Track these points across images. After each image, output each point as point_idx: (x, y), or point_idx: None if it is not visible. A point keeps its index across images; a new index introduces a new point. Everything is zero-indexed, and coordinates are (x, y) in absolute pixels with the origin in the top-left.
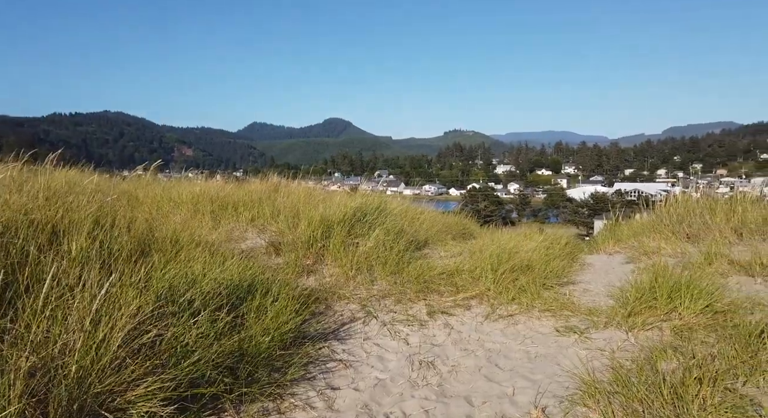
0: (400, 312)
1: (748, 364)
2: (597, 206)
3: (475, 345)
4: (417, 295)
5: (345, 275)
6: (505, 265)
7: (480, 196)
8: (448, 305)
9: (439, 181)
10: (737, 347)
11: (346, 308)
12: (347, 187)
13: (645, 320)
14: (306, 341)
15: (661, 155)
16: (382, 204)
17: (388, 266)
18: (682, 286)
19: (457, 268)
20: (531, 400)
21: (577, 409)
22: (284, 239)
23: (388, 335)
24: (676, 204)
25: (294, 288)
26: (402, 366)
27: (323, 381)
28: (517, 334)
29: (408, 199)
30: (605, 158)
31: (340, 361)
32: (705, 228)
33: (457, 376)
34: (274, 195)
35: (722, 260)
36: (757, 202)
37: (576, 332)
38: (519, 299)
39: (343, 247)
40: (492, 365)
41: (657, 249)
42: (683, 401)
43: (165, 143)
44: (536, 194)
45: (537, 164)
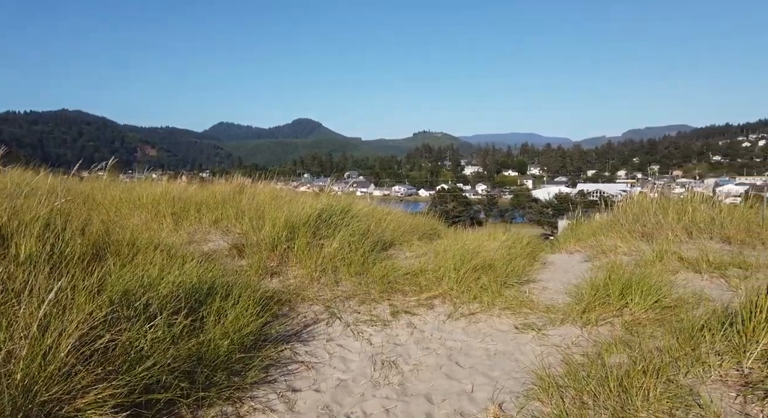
0: (364, 313)
1: (690, 356)
2: (561, 206)
3: (437, 344)
4: (381, 295)
5: (309, 277)
6: (468, 264)
7: (449, 197)
8: (412, 305)
9: (409, 182)
10: (681, 341)
11: (309, 310)
12: (317, 189)
13: (598, 316)
14: (267, 344)
15: (621, 157)
16: (348, 205)
17: (353, 267)
18: (633, 283)
19: (422, 268)
20: (489, 396)
21: (532, 403)
22: (248, 241)
23: (351, 335)
24: (633, 204)
25: (256, 290)
26: (364, 366)
27: (284, 383)
28: (478, 332)
29: (376, 200)
30: (569, 160)
31: (302, 362)
32: (658, 227)
33: (419, 374)
34: (239, 196)
35: (672, 258)
36: (706, 202)
37: (534, 329)
38: (480, 298)
39: (308, 248)
40: (453, 362)
41: (614, 248)
42: (628, 392)
43: (127, 143)
44: (503, 195)
45: (504, 165)
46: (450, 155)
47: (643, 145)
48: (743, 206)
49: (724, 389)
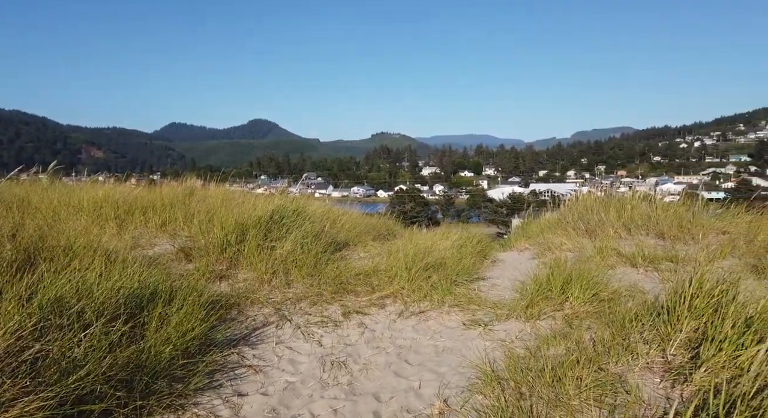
0: (315, 314)
1: (621, 345)
2: (514, 206)
3: (387, 342)
4: (333, 296)
5: (260, 279)
6: (420, 264)
7: (407, 198)
8: (364, 305)
9: (368, 183)
10: (614, 331)
11: (259, 313)
12: (274, 190)
13: (541, 310)
14: (214, 348)
15: (570, 158)
16: (301, 207)
17: (305, 269)
18: (574, 278)
19: (375, 268)
20: (435, 392)
21: (475, 397)
22: (196, 244)
23: (301, 337)
24: (577, 203)
25: (202, 294)
26: (313, 368)
27: (230, 388)
28: (427, 329)
29: (335, 201)
30: (521, 160)
31: (250, 366)
32: (600, 224)
33: (368, 373)
34: (189, 199)
35: (612, 253)
36: (644, 200)
37: (481, 325)
38: (431, 296)
39: (258, 251)
40: (402, 360)
41: (559, 245)
42: (562, 382)
43: (71, 144)
44: (460, 195)
45: (460, 166)
46: (408, 156)
47: (590, 147)
48: (676, 204)
49: (649, 376)
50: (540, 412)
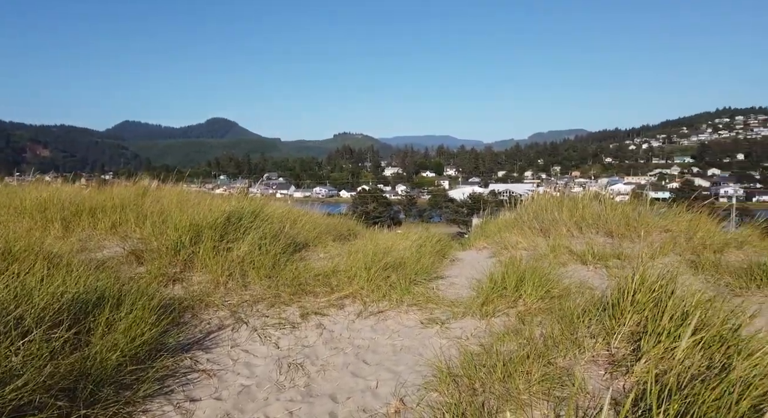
0: (273, 316)
1: (569, 339)
2: (474, 206)
3: (346, 343)
4: (292, 298)
5: (215, 282)
6: (379, 264)
7: (369, 198)
8: (323, 306)
9: (330, 183)
10: (563, 326)
11: (214, 316)
12: (234, 191)
13: (496, 307)
14: (165, 353)
15: (528, 159)
16: (260, 207)
17: (263, 270)
18: (527, 276)
19: (334, 268)
20: (392, 391)
21: (431, 395)
22: (148, 247)
23: (258, 340)
24: (533, 203)
25: (153, 298)
26: (270, 370)
27: (182, 394)
28: (386, 329)
29: (296, 201)
30: (481, 161)
31: (204, 371)
32: (554, 223)
33: (325, 375)
34: (143, 199)
35: (564, 251)
36: (595, 200)
37: (438, 323)
38: (390, 296)
39: (214, 252)
40: (360, 360)
41: (515, 243)
42: (512, 377)
43: (14, 142)
44: (422, 195)
45: (422, 166)
46: (370, 157)
47: (546, 148)
48: (624, 204)
49: (594, 368)
50: (491, 407)
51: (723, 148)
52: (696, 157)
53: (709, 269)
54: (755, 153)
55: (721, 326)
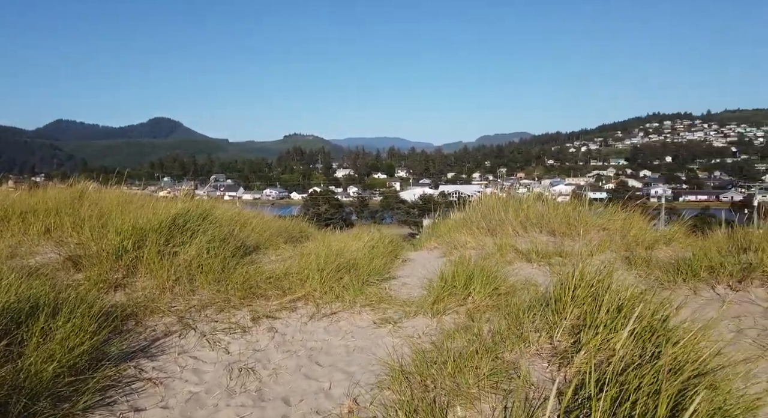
0: (222, 321)
1: (515, 334)
2: (425, 207)
3: (298, 345)
4: (242, 301)
5: (161, 287)
6: (332, 265)
7: (321, 200)
8: (274, 309)
9: (281, 185)
10: (509, 322)
11: (160, 322)
12: (178, 193)
13: (446, 306)
14: (107, 363)
15: (476, 160)
16: (208, 209)
17: (211, 274)
18: (476, 274)
19: (286, 271)
20: (345, 391)
21: (384, 393)
22: (87, 252)
23: (207, 345)
24: (481, 204)
25: (92, 305)
26: (220, 376)
27: (126, 404)
28: (339, 330)
29: (246, 204)
30: (431, 163)
31: (149, 379)
32: (501, 223)
33: (277, 378)
34: (80, 203)
35: (510, 250)
36: (538, 200)
37: (390, 323)
38: (343, 297)
39: (159, 257)
40: (313, 363)
41: (465, 243)
42: (462, 372)
43: None
44: (373, 197)
45: (373, 168)
46: (322, 158)
47: (493, 150)
48: (565, 204)
49: (539, 361)
50: (443, 402)
51: (653, 151)
52: (629, 159)
53: (641, 264)
54: (681, 156)
55: (651, 317)
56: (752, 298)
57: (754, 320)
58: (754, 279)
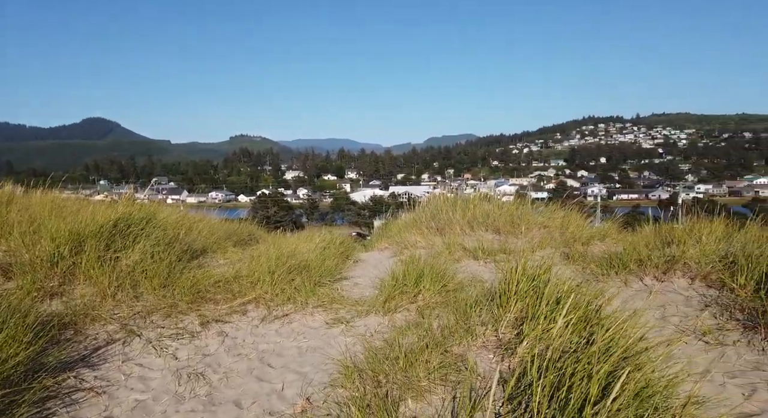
0: (169, 326)
1: (463, 328)
2: (376, 208)
3: (250, 349)
4: (190, 306)
5: (101, 294)
6: (283, 267)
7: (270, 202)
8: (224, 313)
9: (227, 187)
10: (457, 317)
11: (101, 330)
12: (117, 197)
13: (397, 304)
14: (44, 374)
15: (424, 162)
16: (151, 213)
17: (157, 279)
18: (426, 272)
19: (236, 274)
20: (298, 391)
21: (337, 391)
22: (18, 260)
23: (153, 352)
24: (430, 204)
25: (27, 315)
26: (168, 382)
27: (66, 415)
28: (291, 332)
29: (189, 207)
30: (381, 164)
31: (91, 389)
32: (449, 223)
33: (228, 382)
34: (7, 208)
35: (458, 248)
36: (484, 200)
37: (343, 323)
38: (294, 299)
39: (99, 263)
40: (264, 365)
41: (414, 243)
42: (413, 367)
43: None
44: (324, 199)
45: (323, 170)
46: (270, 160)
47: (441, 152)
48: (509, 203)
49: (485, 353)
50: (395, 396)
51: (589, 152)
52: (568, 160)
53: (578, 259)
54: (614, 157)
55: (586, 308)
56: (675, 287)
57: (677, 307)
58: (676, 270)
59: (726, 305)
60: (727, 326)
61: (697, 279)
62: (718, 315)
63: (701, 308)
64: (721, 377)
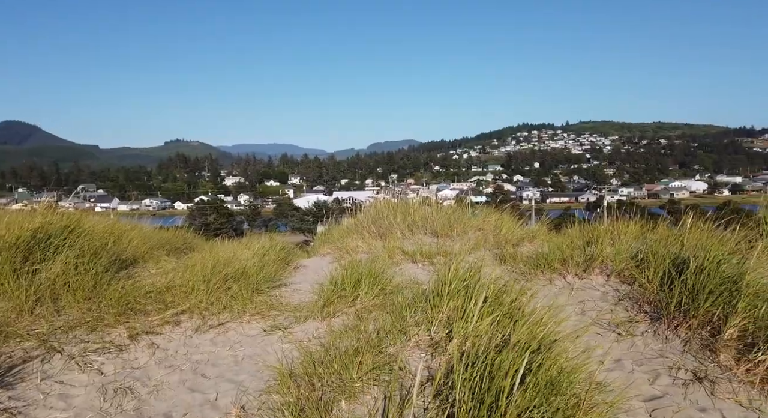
0: (95, 341)
1: (398, 329)
2: (320, 214)
3: (182, 360)
4: (118, 319)
5: (17, 310)
6: (219, 275)
7: (209, 209)
8: (155, 324)
9: (162, 194)
10: (393, 318)
11: (17, 348)
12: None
13: (336, 308)
14: None
15: (368, 167)
16: (75, 222)
17: (81, 292)
18: (364, 276)
19: (168, 284)
20: (233, 400)
21: (273, 397)
22: None
23: (76, 368)
24: (372, 209)
25: None
26: (92, 399)
27: None
28: (227, 340)
29: (120, 215)
30: (325, 170)
31: (4, 410)
32: (390, 227)
33: (159, 394)
34: None
35: (398, 252)
36: (424, 204)
37: (281, 329)
38: (231, 307)
39: (15, 276)
40: (198, 375)
41: (356, 248)
42: (347, 369)
43: None
44: (266, 205)
45: (265, 175)
46: (209, 166)
47: (384, 157)
48: (448, 207)
49: (418, 351)
50: (329, 398)
51: (524, 157)
52: (504, 165)
53: (509, 259)
54: (547, 162)
55: (510, 305)
56: (593, 284)
57: (594, 302)
58: (595, 268)
59: (636, 298)
60: (636, 318)
61: (612, 276)
62: (630, 308)
63: (615, 303)
64: (631, 364)
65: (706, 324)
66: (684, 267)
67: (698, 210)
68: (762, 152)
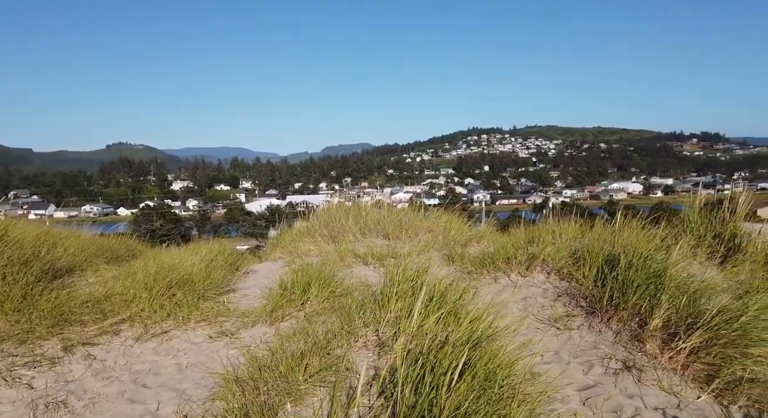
0: (24, 354)
1: (346, 331)
2: (273, 218)
3: (122, 371)
4: (50, 330)
5: None
6: (162, 282)
7: (155, 215)
8: (92, 335)
9: (104, 200)
10: (342, 320)
11: None
12: None
13: (285, 312)
14: None
15: (322, 170)
16: (2, 230)
17: (9, 303)
18: (314, 279)
19: (107, 293)
20: (175, 409)
21: (216, 404)
22: None
23: (3, 383)
24: (324, 212)
25: None
26: (21, 415)
27: None
28: (170, 349)
29: (56, 222)
30: (278, 173)
31: None
32: (342, 230)
33: (95, 407)
34: None
35: (349, 255)
36: (376, 207)
37: (227, 335)
38: (175, 314)
39: None
40: (138, 386)
41: (307, 251)
42: (294, 372)
43: None
44: (216, 210)
45: (215, 180)
46: (154, 169)
47: (338, 161)
48: (400, 210)
49: (365, 352)
50: (274, 402)
51: (474, 161)
52: (456, 168)
53: (457, 259)
54: (496, 165)
55: (455, 303)
56: (535, 282)
57: (536, 299)
58: (537, 266)
59: (573, 294)
60: (573, 313)
61: (552, 273)
62: (567, 304)
63: (555, 299)
64: (567, 356)
65: (635, 316)
66: (615, 264)
67: (632, 210)
68: (690, 156)
